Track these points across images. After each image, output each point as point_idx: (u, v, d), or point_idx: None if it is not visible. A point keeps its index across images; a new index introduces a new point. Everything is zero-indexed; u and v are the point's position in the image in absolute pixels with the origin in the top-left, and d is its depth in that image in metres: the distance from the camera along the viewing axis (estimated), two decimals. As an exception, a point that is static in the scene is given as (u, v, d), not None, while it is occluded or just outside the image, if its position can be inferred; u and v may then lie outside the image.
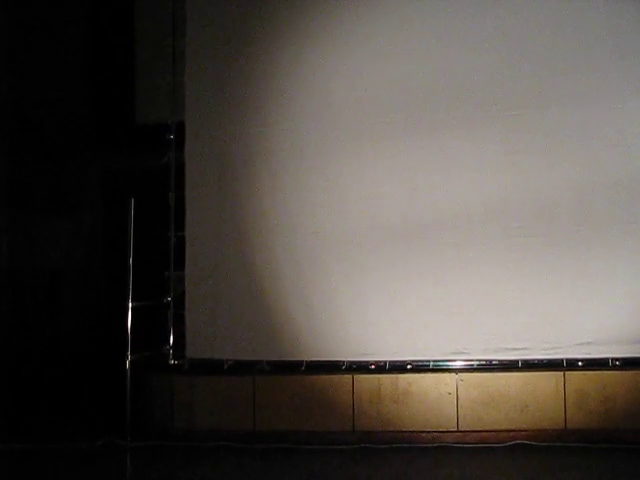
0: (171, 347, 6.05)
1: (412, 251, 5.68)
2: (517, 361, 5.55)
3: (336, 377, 5.71)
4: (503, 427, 5.44)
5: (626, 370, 5.50)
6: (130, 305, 5.74)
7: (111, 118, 7.54)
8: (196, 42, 6.17)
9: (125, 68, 7.56)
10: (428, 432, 5.55)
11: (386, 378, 5.65)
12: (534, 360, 5.54)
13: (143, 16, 7.57)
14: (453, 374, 5.60)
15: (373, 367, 5.75)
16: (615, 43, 5.58)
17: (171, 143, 6.23)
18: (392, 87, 5.81)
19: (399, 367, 5.69)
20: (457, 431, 5.53)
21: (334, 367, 5.74)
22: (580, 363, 5.53)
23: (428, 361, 5.67)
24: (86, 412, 6.29)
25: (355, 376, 5.67)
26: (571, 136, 5.60)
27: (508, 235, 5.56)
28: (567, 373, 5.46)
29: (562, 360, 5.51)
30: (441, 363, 5.65)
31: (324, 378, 5.73)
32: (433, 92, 5.74)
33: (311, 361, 5.76)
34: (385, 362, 5.72)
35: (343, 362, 5.74)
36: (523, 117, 5.60)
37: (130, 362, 5.65)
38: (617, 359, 5.53)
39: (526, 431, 5.34)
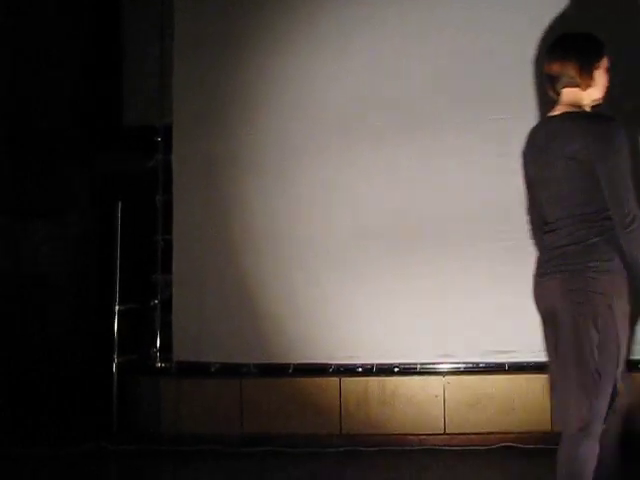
0: (158, 350, 6.04)
1: (400, 254, 5.67)
2: (504, 364, 5.55)
3: (323, 380, 5.70)
4: (490, 429, 5.44)
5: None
6: (117, 308, 5.73)
7: (98, 120, 7.51)
8: (184, 45, 6.16)
9: (112, 70, 7.53)
10: (415, 435, 5.55)
11: (373, 381, 5.64)
12: (521, 363, 5.54)
13: (131, 19, 7.55)
14: (440, 377, 5.60)
15: (360, 370, 5.74)
16: (608, 46, 5.59)
17: (159, 146, 6.22)
18: (382, 90, 5.81)
19: (386, 370, 5.69)
20: (444, 434, 5.52)
21: (321, 370, 5.73)
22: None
23: (415, 364, 5.67)
24: (71, 416, 6.26)
25: (342, 379, 5.66)
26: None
27: (498, 238, 5.54)
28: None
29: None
30: (428, 366, 5.65)
31: (311, 381, 5.72)
32: (424, 94, 5.74)
33: (298, 364, 5.75)
34: (372, 365, 5.72)
35: (330, 365, 5.73)
36: (515, 120, 5.55)
37: (117, 365, 5.65)
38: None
39: (513, 433, 5.35)
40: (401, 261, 5.66)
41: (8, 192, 6.99)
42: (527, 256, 5.45)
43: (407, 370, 5.68)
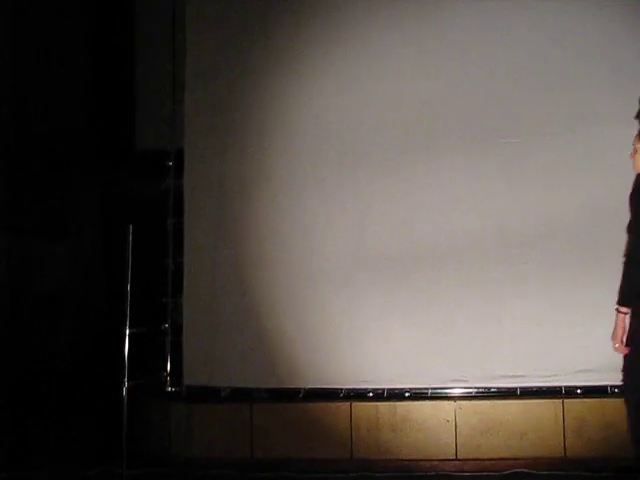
0: (168, 374, 6.04)
1: (410, 279, 5.67)
2: (516, 389, 5.51)
3: (334, 405, 5.67)
4: (502, 455, 5.39)
5: (625, 398, 5.47)
6: (127, 331, 5.72)
7: (110, 143, 7.56)
8: (196, 69, 6.21)
9: (125, 94, 7.58)
10: (427, 460, 5.50)
11: (384, 406, 5.61)
12: (533, 388, 5.51)
13: (143, 42, 7.62)
14: (451, 402, 5.56)
15: (371, 395, 5.71)
16: (614, 67, 5.60)
17: (170, 169, 6.25)
18: (390, 110, 5.83)
19: (397, 395, 5.66)
20: (456, 459, 5.48)
21: (332, 395, 5.71)
22: (579, 391, 5.50)
23: (426, 389, 5.64)
24: (81, 439, 6.25)
25: (353, 404, 5.63)
26: (569, 161, 5.61)
27: (507, 262, 5.55)
28: (566, 401, 5.42)
29: (561, 388, 5.48)
30: (439, 391, 5.62)
31: (322, 406, 5.69)
32: (430, 116, 5.77)
33: (309, 389, 5.73)
34: (383, 390, 5.69)
35: (341, 390, 5.71)
36: (521, 142, 5.62)
37: (127, 389, 5.63)
38: (616, 386, 5.47)
39: (525, 459, 5.29)
40: (412, 287, 5.66)
41: (21, 211, 7.02)
42: (539, 280, 5.53)
43: (418, 395, 5.64)
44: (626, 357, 4.10)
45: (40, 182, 7.23)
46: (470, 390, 5.60)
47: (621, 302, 4.02)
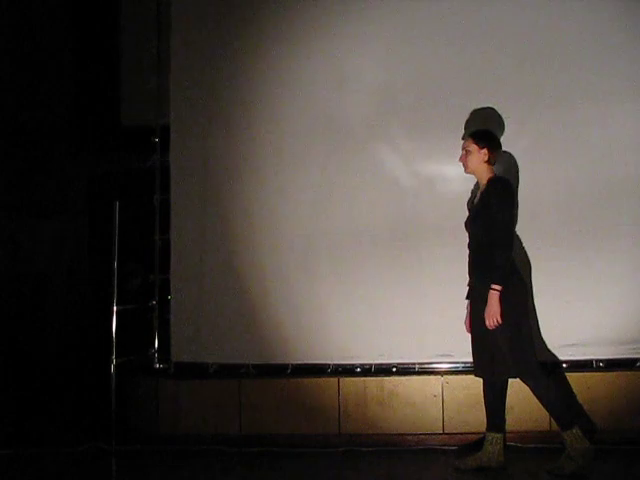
0: (156, 351, 6.04)
1: (398, 255, 5.69)
2: (502, 363, 5.56)
3: (322, 380, 5.71)
4: (488, 429, 5.45)
5: (610, 371, 5.53)
6: (115, 309, 5.72)
7: (96, 121, 7.52)
8: (181, 45, 6.15)
9: (110, 70, 7.54)
10: (414, 435, 5.57)
11: (372, 381, 5.65)
12: (518, 362, 5.55)
13: (128, 19, 7.56)
14: (438, 376, 5.61)
15: (359, 370, 5.75)
16: (600, 47, 5.61)
17: (156, 146, 6.21)
18: (377, 90, 5.82)
19: (385, 370, 5.70)
20: (443, 433, 5.54)
21: (320, 370, 5.74)
22: (564, 365, 5.56)
23: (413, 364, 5.68)
24: (69, 416, 6.26)
25: (341, 379, 5.67)
26: (555, 138, 5.62)
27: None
28: (551, 375, 5.47)
29: (546, 362, 5.52)
30: (426, 366, 5.67)
31: (310, 381, 5.73)
32: (418, 94, 5.76)
33: (297, 364, 5.75)
34: (371, 365, 5.73)
35: (329, 365, 5.74)
36: (506, 120, 5.62)
37: (115, 366, 5.64)
38: (601, 360, 5.56)
39: (511, 433, 5.34)
40: (399, 262, 5.68)
41: (5, 191, 6.99)
42: (519, 257, 5.54)
43: (405, 370, 5.69)
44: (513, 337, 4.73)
45: (24, 161, 7.19)
46: (457, 365, 5.64)
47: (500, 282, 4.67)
